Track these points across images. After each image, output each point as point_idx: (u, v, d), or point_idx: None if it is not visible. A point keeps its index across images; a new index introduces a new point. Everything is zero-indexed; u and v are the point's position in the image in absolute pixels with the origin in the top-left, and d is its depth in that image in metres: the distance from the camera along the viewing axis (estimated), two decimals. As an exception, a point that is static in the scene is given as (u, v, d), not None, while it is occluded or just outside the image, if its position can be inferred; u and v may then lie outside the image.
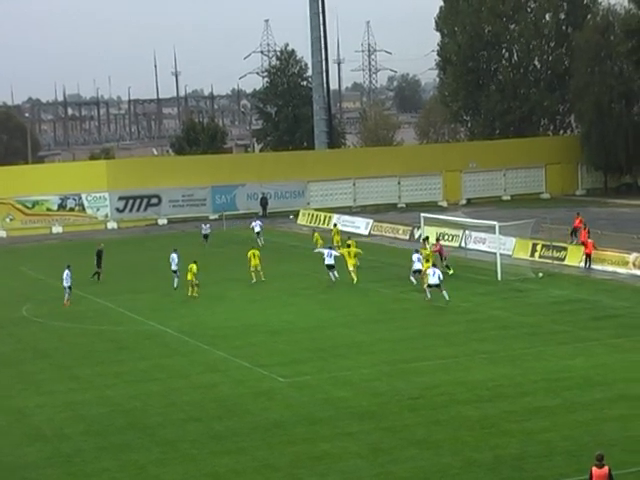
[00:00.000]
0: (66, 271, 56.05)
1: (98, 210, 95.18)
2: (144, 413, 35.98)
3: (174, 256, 60.53)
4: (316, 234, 72.94)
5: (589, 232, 64.08)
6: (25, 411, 37.17)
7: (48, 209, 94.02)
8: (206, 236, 78.17)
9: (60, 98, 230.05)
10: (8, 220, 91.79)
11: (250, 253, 61.34)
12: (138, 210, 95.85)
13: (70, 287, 56.00)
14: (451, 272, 58.95)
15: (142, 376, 41.19)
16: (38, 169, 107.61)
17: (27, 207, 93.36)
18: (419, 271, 55.84)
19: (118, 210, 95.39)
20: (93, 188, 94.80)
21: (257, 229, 78.59)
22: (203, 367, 42.21)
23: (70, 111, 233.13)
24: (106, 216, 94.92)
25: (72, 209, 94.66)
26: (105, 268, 63.83)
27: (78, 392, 39.27)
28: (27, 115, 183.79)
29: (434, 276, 51.92)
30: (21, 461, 31.67)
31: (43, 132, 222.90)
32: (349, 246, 62.62)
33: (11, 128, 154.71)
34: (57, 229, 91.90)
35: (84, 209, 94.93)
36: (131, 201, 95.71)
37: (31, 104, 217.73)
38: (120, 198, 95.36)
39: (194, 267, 56.29)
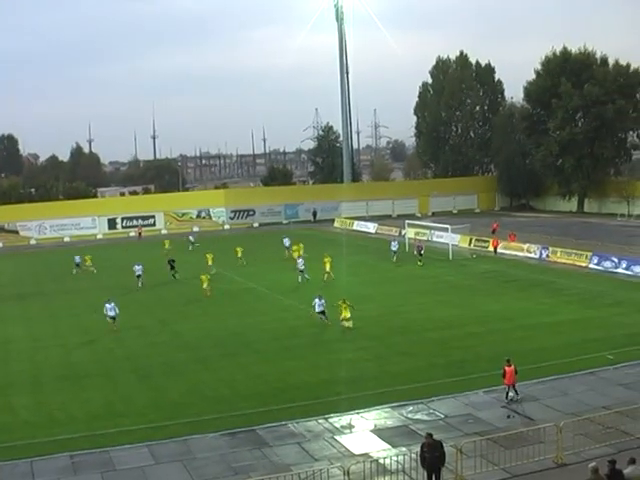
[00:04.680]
0: (108, 305, 38.08)
1: (219, 218, 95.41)
2: (245, 335, 36.08)
3: (137, 267, 50.25)
4: (208, 255, 56.43)
5: (515, 235, 63.07)
6: (179, 332, 37.48)
7: (190, 217, 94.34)
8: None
9: (197, 154, 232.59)
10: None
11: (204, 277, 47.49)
12: (242, 218, 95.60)
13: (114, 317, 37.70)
14: (420, 264, 55.23)
15: (244, 313, 41.33)
16: (185, 195, 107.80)
17: (179, 216, 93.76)
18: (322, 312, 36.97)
19: (230, 218, 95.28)
20: (216, 205, 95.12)
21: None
22: (279, 308, 42.23)
23: (204, 161, 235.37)
24: (223, 222, 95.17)
25: (204, 217, 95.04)
26: (223, 251, 62.34)
27: (208, 321, 39.55)
28: (179, 164, 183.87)
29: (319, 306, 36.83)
30: (173, 361, 32.00)
31: (188, 174, 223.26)
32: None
33: (171, 171, 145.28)
34: (195, 228, 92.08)
35: (211, 217, 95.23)
36: (238, 213, 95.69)
37: (181, 157, 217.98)
38: (232, 211, 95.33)
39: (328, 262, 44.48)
